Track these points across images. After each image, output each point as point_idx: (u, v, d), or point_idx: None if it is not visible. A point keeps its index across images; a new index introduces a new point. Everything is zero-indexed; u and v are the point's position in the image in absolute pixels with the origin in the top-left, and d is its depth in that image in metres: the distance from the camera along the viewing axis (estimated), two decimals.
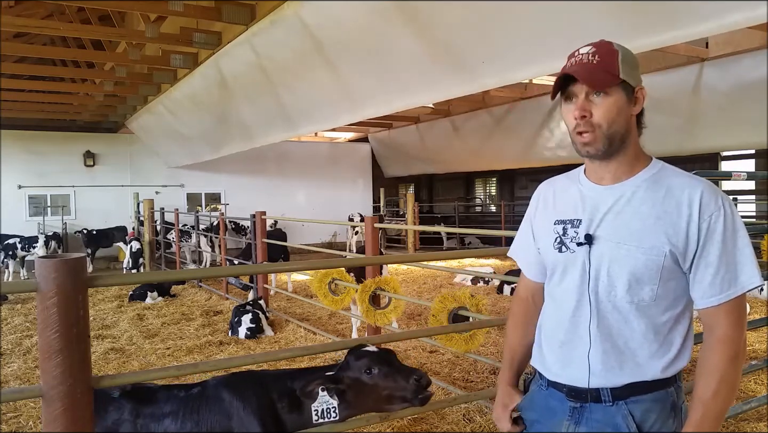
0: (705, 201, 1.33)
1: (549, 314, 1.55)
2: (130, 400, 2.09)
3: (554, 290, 1.52)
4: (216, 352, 5.77)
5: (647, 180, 1.40)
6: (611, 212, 1.40)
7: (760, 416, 3.74)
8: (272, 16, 5.57)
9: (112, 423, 2.04)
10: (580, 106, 1.36)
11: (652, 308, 1.37)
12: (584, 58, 1.36)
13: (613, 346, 1.39)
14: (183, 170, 14.76)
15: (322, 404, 2.03)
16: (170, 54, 7.61)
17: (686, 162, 11.64)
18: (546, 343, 1.53)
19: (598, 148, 1.38)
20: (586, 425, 1.42)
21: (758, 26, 6.52)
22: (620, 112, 1.36)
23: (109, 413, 2.04)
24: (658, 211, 1.35)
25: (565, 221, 1.47)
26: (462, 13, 4.24)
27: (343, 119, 6.89)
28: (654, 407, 1.38)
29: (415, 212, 14.83)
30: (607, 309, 1.39)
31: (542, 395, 1.52)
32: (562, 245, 1.46)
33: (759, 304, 7.39)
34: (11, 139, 13.08)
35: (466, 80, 4.85)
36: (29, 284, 1.63)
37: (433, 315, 3.77)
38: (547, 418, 1.50)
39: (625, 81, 1.35)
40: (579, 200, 1.47)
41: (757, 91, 7.47)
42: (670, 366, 1.38)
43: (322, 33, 5.40)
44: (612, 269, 1.37)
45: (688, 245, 1.33)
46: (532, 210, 1.63)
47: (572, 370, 1.44)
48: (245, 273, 8.05)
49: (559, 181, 1.59)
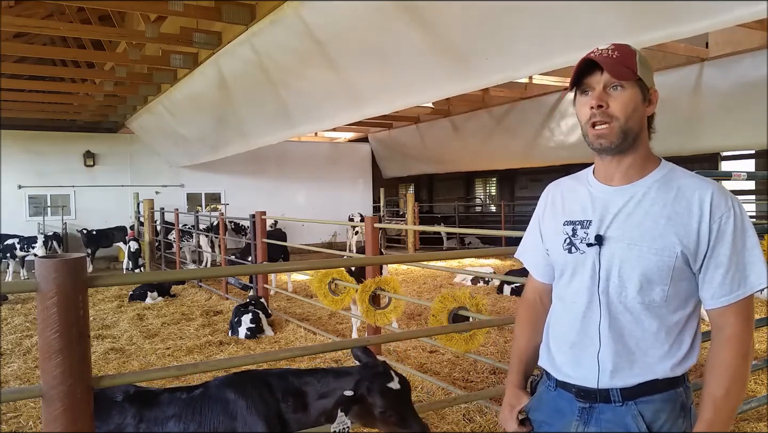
0: (716, 202, 1.34)
1: (558, 315, 1.54)
2: (132, 404, 2.08)
3: (563, 291, 1.51)
4: (216, 352, 5.77)
5: (658, 181, 1.41)
6: (622, 213, 1.40)
7: (760, 416, 3.74)
8: (272, 15, 5.56)
9: (115, 427, 2.04)
10: (598, 96, 1.38)
11: (663, 308, 1.37)
12: (604, 52, 1.39)
13: (624, 346, 1.39)
14: (183, 170, 14.77)
15: (340, 425, 2.09)
16: (170, 54, 7.61)
17: (686, 162, 11.57)
18: (555, 344, 1.53)
19: (612, 141, 1.39)
20: (596, 425, 1.42)
21: (758, 26, 6.52)
22: (636, 109, 1.38)
23: (112, 417, 2.04)
24: (669, 212, 1.36)
25: (575, 222, 1.47)
26: (463, 11, 4.24)
27: (344, 118, 6.88)
28: (664, 407, 1.38)
29: (415, 212, 14.83)
30: (619, 310, 1.39)
31: (551, 396, 1.52)
32: (572, 246, 1.46)
33: (759, 304, 7.39)
34: (11, 139, 13.08)
35: (467, 78, 4.84)
36: (29, 284, 1.62)
37: (433, 315, 3.78)
38: (555, 419, 1.50)
39: (641, 79, 1.38)
40: (588, 201, 1.47)
41: (757, 91, 7.47)
42: (679, 365, 1.39)
43: (323, 32, 5.40)
44: (623, 269, 1.37)
45: (699, 245, 1.34)
46: (540, 211, 1.62)
47: (582, 370, 1.43)
48: (245, 273, 8.05)
49: (567, 183, 1.59)
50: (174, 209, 10.95)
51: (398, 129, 15.86)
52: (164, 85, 9.13)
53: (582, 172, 1.57)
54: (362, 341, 2.69)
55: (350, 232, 15.63)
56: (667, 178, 1.41)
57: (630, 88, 1.37)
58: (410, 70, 5.25)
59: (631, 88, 1.37)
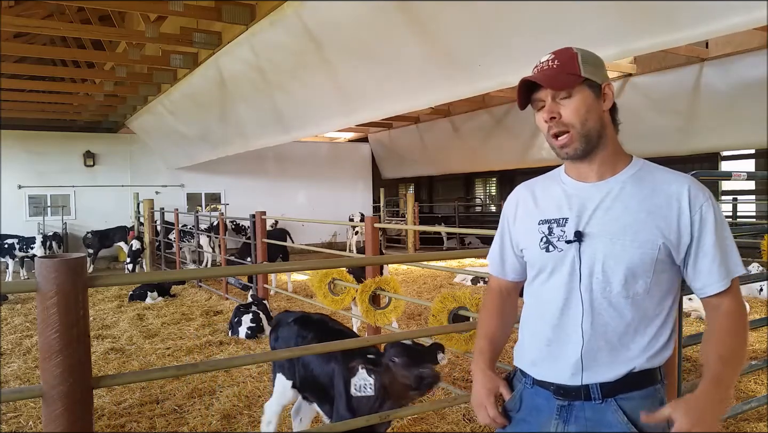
0: (693, 194, 1.37)
1: (533, 313, 1.54)
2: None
3: (540, 290, 1.51)
4: (216, 352, 5.77)
5: (632, 177, 1.43)
6: (600, 209, 1.41)
7: (760, 416, 3.74)
8: (272, 16, 5.56)
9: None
10: (548, 109, 1.40)
11: (646, 300, 1.39)
12: (545, 65, 1.41)
13: (607, 342, 1.39)
14: (183, 170, 14.76)
15: (361, 380, 2.27)
16: (170, 54, 7.61)
17: (686, 162, 11.64)
18: (531, 342, 1.52)
19: (576, 148, 1.40)
20: (576, 423, 1.41)
21: (758, 26, 6.52)
22: (590, 110, 1.39)
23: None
24: (648, 206, 1.38)
25: (550, 220, 1.47)
26: (462, 15, 4.24)
27: (339, 123, 6.89)
28: (643, 404, 1.39)
29: (415, 212, 14.83)
30: (602, 306, 1.39)
31: (528, 393, 1.51)
32: (549, 245, 1.45)
33: (759, 304, 7.39)
34: (11, 139, 13.08)
35: (465, 83, 4.84)
36: (29, 284, 1.62)
37: (433, 315, 3.77)
38: (533, 416, 1.49)
39: (589, 79, 1.38)
40: (564, 199, 1.47)
41: (757, 91, 7.48)
42: (656, 356, 1.41)
43: (322, 34, 5.39)
44: (607, 264, 1.38)
45: (681, 237, 1.37)
46: (511, 212, 1.62)
47: (561, 367, 1.43)
48: (245, 273, 8.04)
49: (538, 183, 1.60)
50: (174, 209, 10.95)
51: (398, 129, 15.86)
52: (164, 85, 9.13)
53: (553, 171, 1.57)
54: (362, 341, 2.69)
55: (350, 232, 15.63)
56: (642, 174, 1.43)
57: (578, 93, 1.38)
58: (407, 74, 5.25)
59: (579, 93, 1.38)
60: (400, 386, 2.28)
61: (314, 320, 3.25)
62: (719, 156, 12.63)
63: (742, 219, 12.51)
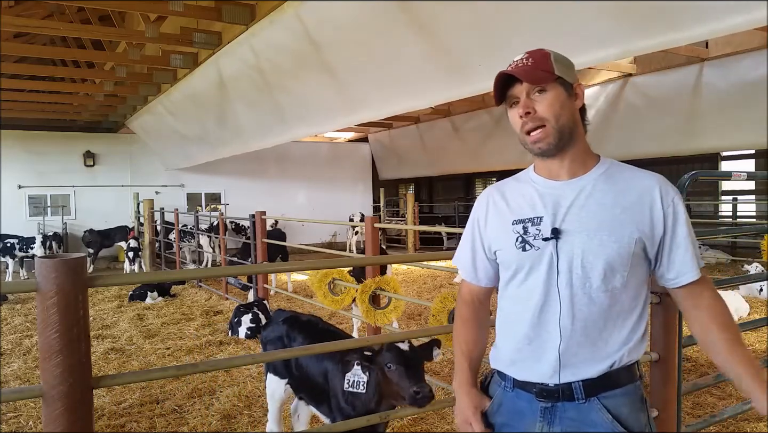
0: (663, 189, 1.43)
1: (510, 314, 1.53)
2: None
3: (516, 290, 1.50)
4: (216, 352, 5.77)
5: (603, 174, 1.46)
6: (575, 206, 1.43)
7: (761, 416, 3.74)
8: (272, 16, 5.56)
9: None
10: (523, 104, 1.43)
11: (623, 294, 1.41)
12: (519, 62, 1.45)
13: (587, 338, 1.40)
14: (183, 170, 14.76)
15: (354, 376, 2.30)
16: (170, 54, 7.61)
17: (686, 162, 11.63)
18: (509, 343, 1.51)
19: (549, 143, 1.42)
20: (561, 424, 1.41)
21: (758, 26, 6.52)
22: (563, 106, 1.42)
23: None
24: (622, 201, 1.41)
25: (524, 220, 1.47)
26: (462, 15, 4.23)
27: (339, 123, 6.89)
28: (625, 401, 1.40)
29: (415, 212, 14.82)
30: (582, 301, 1.40)
31: (508, 397, 1.50)
32: (526, 244, 1.45)
33: (759, 304, 7.39)
34: (11, 139, 13.09)
35: (465, 83, 4.84)
36: (29, 284, 1.62)
37: (433, 315, 3.77)
38: (516, 421, 1.48)
39: (561, 78, 1.42)
40: (537, 198, 1.48)
41: (757, 91, 7.48)
42: (635, 349, 1.43)
43: (322, 34, 5.39)
44: (586, 259, 1.39)
45: (654, 230, 1.41)
46: (481, 215, 1.61)
47: (542, 367, 1.43)
48: (245, 273, 8.04)
49: (507, 184, 1.61)
50: (174, 209, 10.95)
51: (398, 129, 15.85)
52: (164, 85, 9.13)
53: (520, 173, 1.60)
54: (362, 341, 2.69)
55: (350, 232, 15.63)
56: (611, 172, 1.46)
57: (552, 89, 1.41)
58: (407, 74, 5.25)
59: (553, 89, 1.41)
60: (395, 394, 2.28)
61: (303, 321, 3.23)
62: (719, 156, 12.63)
63: (742, 219, 12.50)
